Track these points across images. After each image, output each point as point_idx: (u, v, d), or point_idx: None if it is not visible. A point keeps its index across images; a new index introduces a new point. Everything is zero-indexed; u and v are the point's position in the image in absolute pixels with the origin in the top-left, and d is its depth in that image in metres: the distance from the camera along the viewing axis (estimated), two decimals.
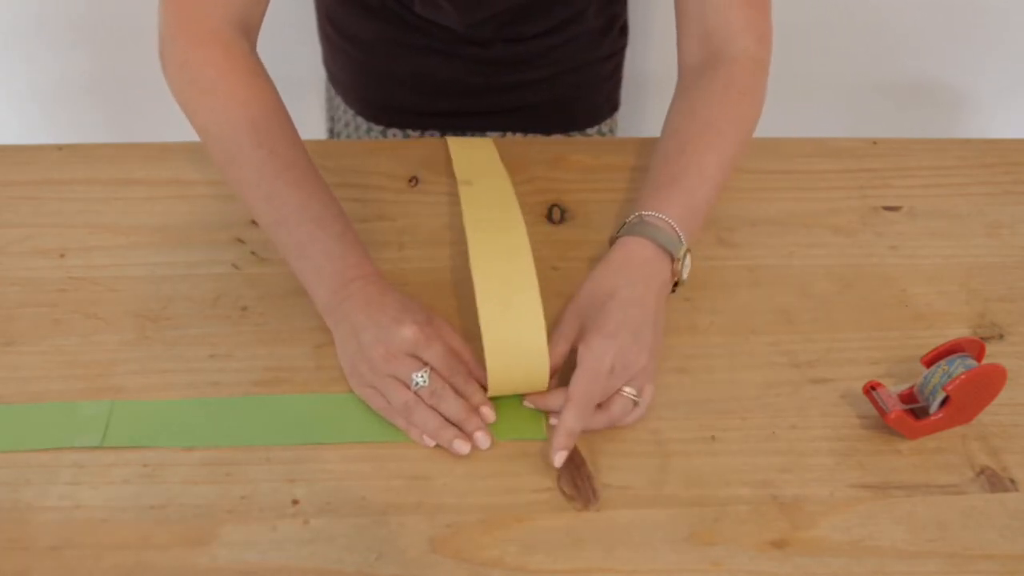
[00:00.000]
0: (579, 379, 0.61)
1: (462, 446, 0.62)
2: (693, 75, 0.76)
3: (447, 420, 0.63)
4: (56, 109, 1.36)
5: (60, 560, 0.56)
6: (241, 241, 0.76)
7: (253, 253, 0.75)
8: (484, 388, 0.64)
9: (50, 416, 0.63)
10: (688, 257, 0.68)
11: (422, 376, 0.62)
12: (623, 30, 0.99)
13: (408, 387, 0.62)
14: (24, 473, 0.60)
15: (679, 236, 0.67)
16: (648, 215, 0.68)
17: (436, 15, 0.85)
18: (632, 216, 0.70)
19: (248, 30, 0.71)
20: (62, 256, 0.74)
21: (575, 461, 0.62)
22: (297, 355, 0.68)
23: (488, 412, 0.63)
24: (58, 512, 0.58)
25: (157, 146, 0.84)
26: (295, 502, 0.59)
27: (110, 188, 0.80)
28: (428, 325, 0.64)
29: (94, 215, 0.78)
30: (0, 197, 0.79)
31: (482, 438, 0.62)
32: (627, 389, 0.63)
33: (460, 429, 0.62)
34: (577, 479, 0.61)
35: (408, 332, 0.63)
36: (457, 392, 0.63)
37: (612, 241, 0.70)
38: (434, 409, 0.62)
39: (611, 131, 1.05)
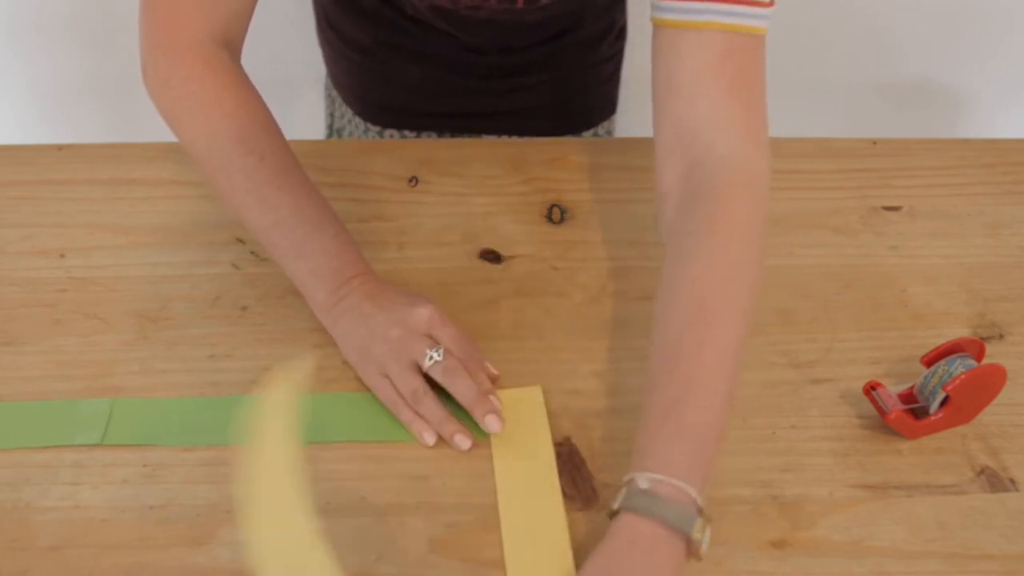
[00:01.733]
0: None
1: (463, 441, 0.62)
2: (675, 212, 0.63)
3: (455, 410, 0.63)
4: (56, 109, 1.36)
5: (60, 560, 0.56)
6: (241, 241, 0.76)
7: (252, 253, 0.75)
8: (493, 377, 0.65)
9: (51, 414, 0.63)
10: (708, 531, 0.53)
11: (438, 351, 0.63)
12: (621, 33, 0.99)
13: (420, 375, 0.63)
14: (24, 473, 0.60)
15: (696, 504, 0.53)
16: (652, 480, 0.53)
17: (432, 20, 0.85)
18: (630, 477, 0.54)
19: (229, 43, 0.70)
20: (62, 256, 0.74)
21: (575, 461, 0.62)
22: (297, 355, 0.68)
23: (496, 400, 0.64)
24: (58, 512, 0.58)
25: (157, 146, 0.84)
26: None
27: (110, 188, 0.80)
28: (438, 309, 0.65)
29: (94, 215, 0.78)
30: (0, 197, 0.79)
31: (493, 421, 0.62)
32: None
33: (472, 411, 0.63)
34: (577, 479, 0.61)
35: (424, 311, 0.64)
36: (469, 374, 0.63)
37: (612, 515, 0.54)
38: (440, 399, 0.63)
39: (609, 132, 1.05)
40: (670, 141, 0.63)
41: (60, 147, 0.84)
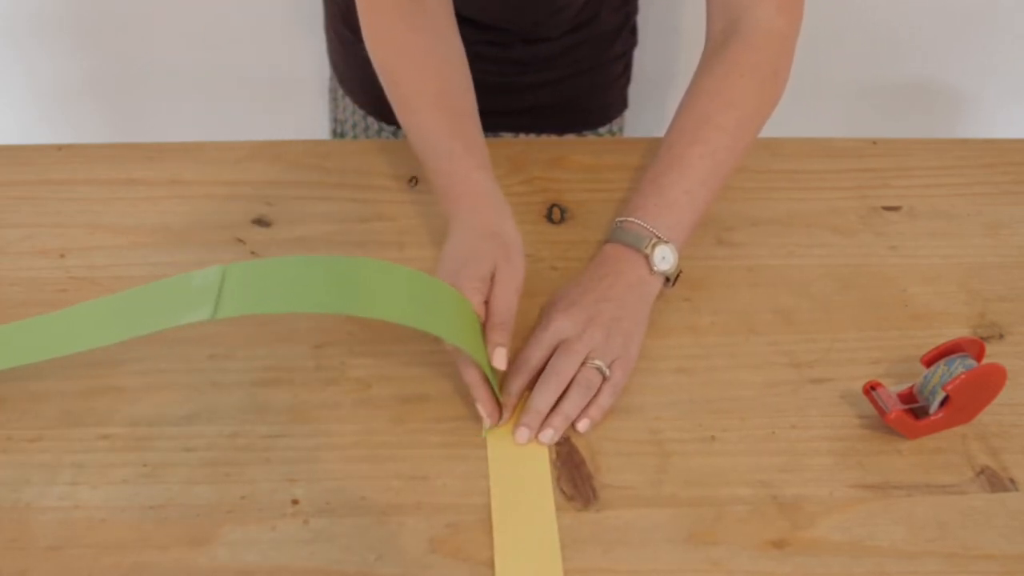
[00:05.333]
0: (530, 336, 0.66)
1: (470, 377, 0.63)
2: (709, 51, 0.76)
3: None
4: (55, 109, 1.36)
5: (60, 560, 0.56)
6: (241, 241, 0.76)
7: (253, 253, 0.75)
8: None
9: (158, 294, 0.59)
10: (662, 249, 0.69)
11: None
12: (634, 30, 1.00)
13: None
14: (24, 473, 0.60)
15: (649, 231, 0.69)
16: (624, 220, 0.71)
17: (461, 6, 0.86)
18: (613, 224, 0.72)
19: None
20: (62, 256, 0.74)
21: (575, 461, 0.62)
22: (297, 355, 0.68)
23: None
24: (58, 512, 0.58)
25: (157, 146, 0.84)
26: (295, 502, 0.59)
27: (110, 188, 0.80)
28: (486, 275, 0.64)
29: (94, 215, 0.78)
30: (0, 197, 0.79)
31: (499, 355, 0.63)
32: (595, 361, 0.64)
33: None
34: (577, 479, 0.61)
35: (473, 271, 0.64)
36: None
37: None
38: None
39: (620, 130, 1.06)
40: (719, 7, 0.76)
41: (60, 147, 0.84)
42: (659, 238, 0.69)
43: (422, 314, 0.58)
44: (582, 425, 0.63)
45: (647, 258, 0.69)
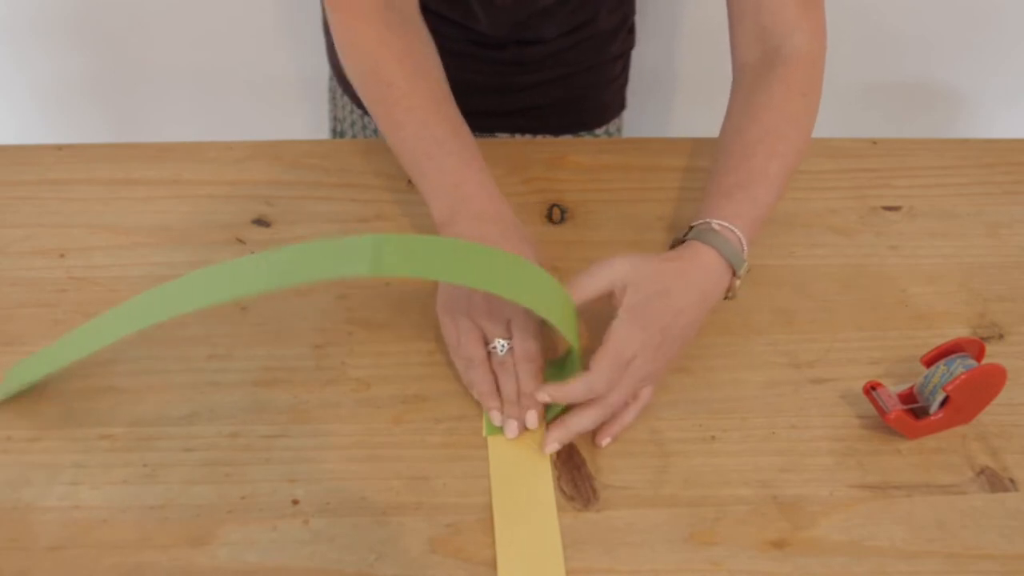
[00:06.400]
0: (601, 357, 0.61)
1: (497, 417, 0.63)
2: (752, 73, 0.77)
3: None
4: (55, 109, 1.36)
5: (60, 560, 0.56)
6: (241, 241, 0.76)
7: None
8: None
9: (305, 254, 0.57)
10: (743, 271, 0.68)
11: (503, 347, 0.64)
12: (632, 30, 1.00)
13: (484, 343, 0.64)
14: (24, 473, 0.60)
15: (744, 250, 0.67)
16: (718, 224, 0.67)
17: (453, 11, 0.85)
18: (701, 222, 0.68)
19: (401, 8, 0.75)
20: (62, 256, 0.74)
21: (575, 461, 0.62)
22: (297, 355, 0.68)
23: (533, 416, 0.63)
24: (58, 512, 0.58)
25: (157, 146, 0.84)
26: (295, 502, 0.59)
27: (110, 188, 0.80)
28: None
29: (94, 215, 0.78)
30: (0, 197, 0.79)
31: (511, 427, 0.63)
32: None
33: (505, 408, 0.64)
34: (577, 479, 0.61)
35: None
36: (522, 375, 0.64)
37: (676, 243, 0.69)
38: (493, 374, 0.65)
39: (618, 130, 1.06)
40: (752, 31, 0.77)
41: (60, 147, 0.84)
42: (745, 260, 0.68)
43: (556, 311, 0.60)
44: (605, 442, 0.63)
45: (734, 275, 0.67)
